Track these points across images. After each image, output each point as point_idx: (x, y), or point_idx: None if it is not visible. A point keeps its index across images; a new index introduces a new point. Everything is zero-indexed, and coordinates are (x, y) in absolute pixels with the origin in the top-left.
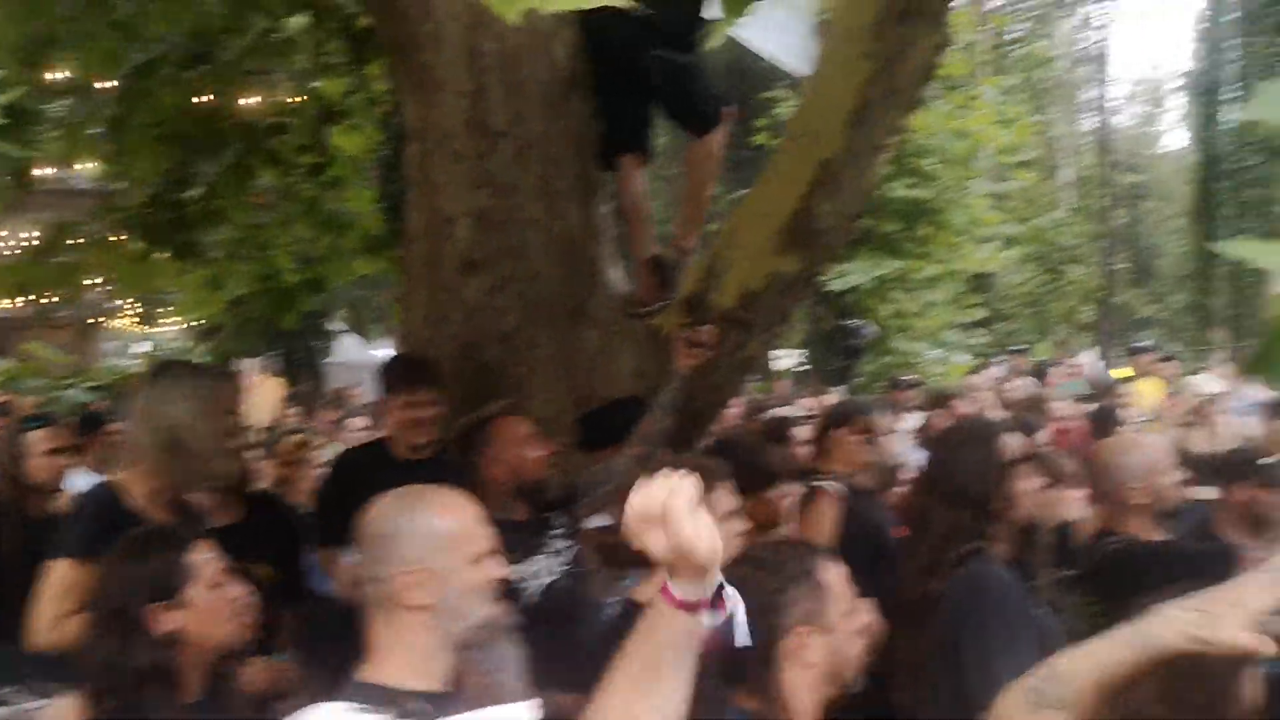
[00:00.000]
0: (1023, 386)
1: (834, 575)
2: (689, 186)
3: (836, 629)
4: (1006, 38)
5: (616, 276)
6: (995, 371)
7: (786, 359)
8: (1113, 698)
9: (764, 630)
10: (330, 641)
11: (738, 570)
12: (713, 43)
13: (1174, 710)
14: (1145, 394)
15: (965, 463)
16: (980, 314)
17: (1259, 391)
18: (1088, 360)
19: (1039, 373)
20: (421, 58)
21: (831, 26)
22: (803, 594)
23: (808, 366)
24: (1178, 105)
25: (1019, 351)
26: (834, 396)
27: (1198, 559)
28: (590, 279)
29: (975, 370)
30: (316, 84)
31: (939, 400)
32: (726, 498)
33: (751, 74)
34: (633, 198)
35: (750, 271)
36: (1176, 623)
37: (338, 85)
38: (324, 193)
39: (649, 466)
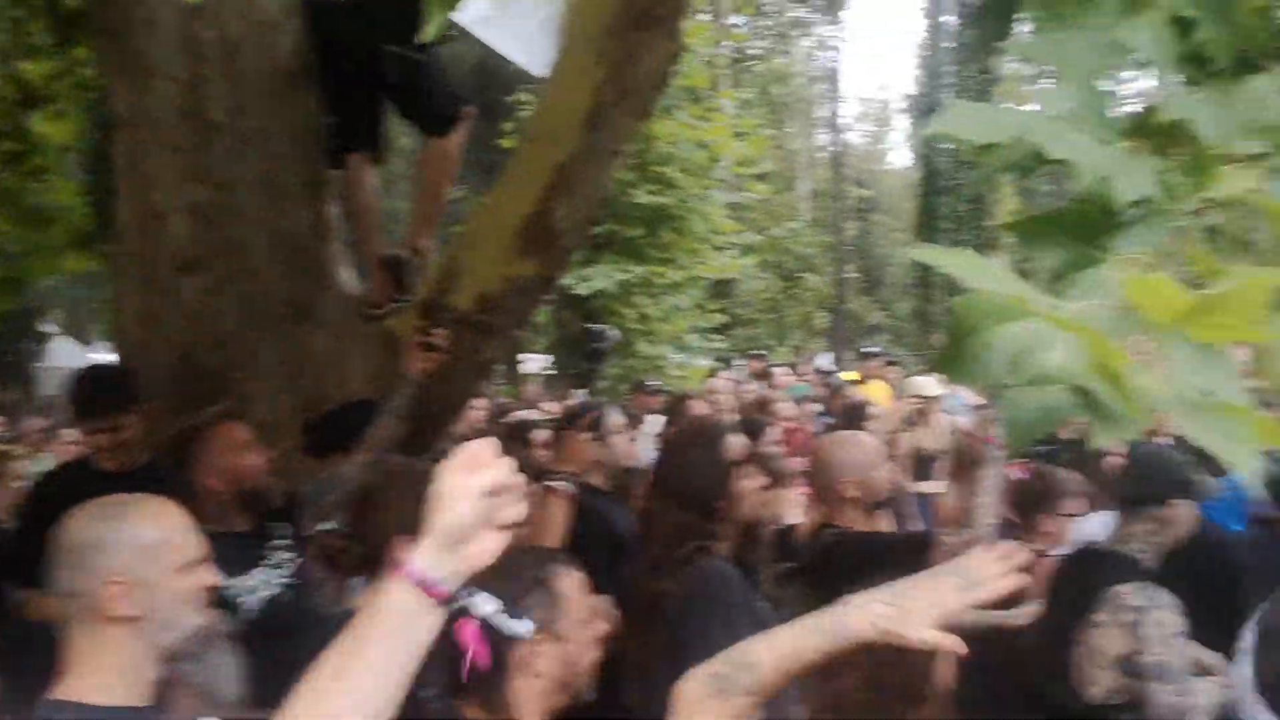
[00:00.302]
0: (754, 389)
1: (570, 582)
2: (424, 187)
3: (570, 638)
4: (747, 53)
5: (348, 277)
6: (733, 375)
7: (534, 362)
8: (818, 686)
9: (494, 639)
10: (33, 661)
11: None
12: (428, 38)
13: (875, 694)
14: (872, 396)
15: (691, 464)
16: (721, 319)
17: (969, 393)
18: (820, 364)
19: (766, 376)
20: (134, 42)
21: (568, 31)
22: (537, 602)
23: (554, 370)
24: (903, 125)
25: (757, 356)
26: (577, 399)
27: (903, 547)
28: (318, 279)
29: (714, 374)
30: (17, 65)
31: (677, 403)
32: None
33: (499, 76)
34: (363, 196)
35: (487, 274)
36: (868, 614)
37: (41, 67)
38: (24, 183)
39: (379, 473)
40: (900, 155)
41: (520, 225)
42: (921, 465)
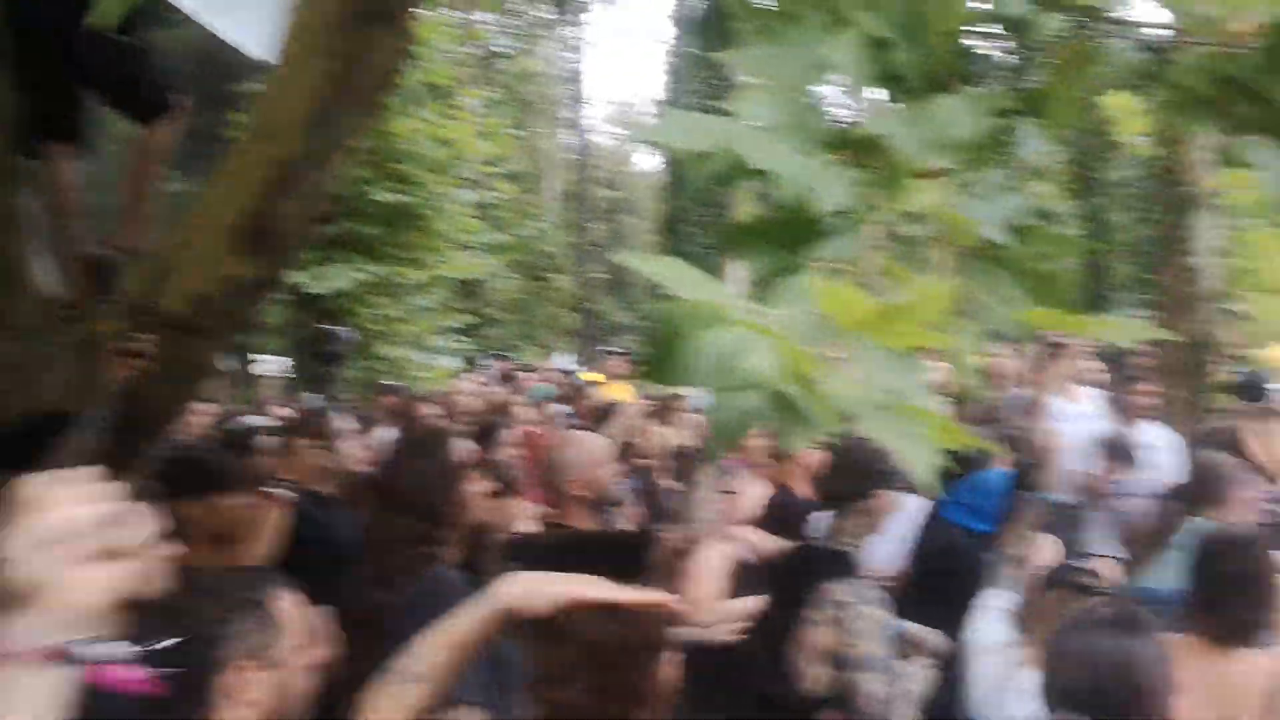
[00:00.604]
0: (496, 392)
1: (287, 604)
2: (132, 180)
3: (285, 664)
4: (494, 51)
5: (44, 277)
6: (478, 377)
7: (268, 365)
8: (544, 694)
9: (201, 664)
10: None
11: (178, 596)
12: (99, 22)
13: (600, 699)
14: (614, 395)
15: (415, 469)
16: (468, 320)
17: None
18: (561, 364)
19: (512, 377)
20: None
21: (291, 22)
22: (249, 625)
23: (290, 373)
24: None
25: (503, 356)
26: (312, 403)
27: (627, 543)
28: (9, 279)
29: (458, 375)
30: None
31: (406, 407)
32: (153, 521)
33: (227, 64)
34: (62, 189)
35: (202, 274)
36: (518, 580)
37: None
38: None
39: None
40: (647, 158)
41: (238, 223)
42: (677, 462)
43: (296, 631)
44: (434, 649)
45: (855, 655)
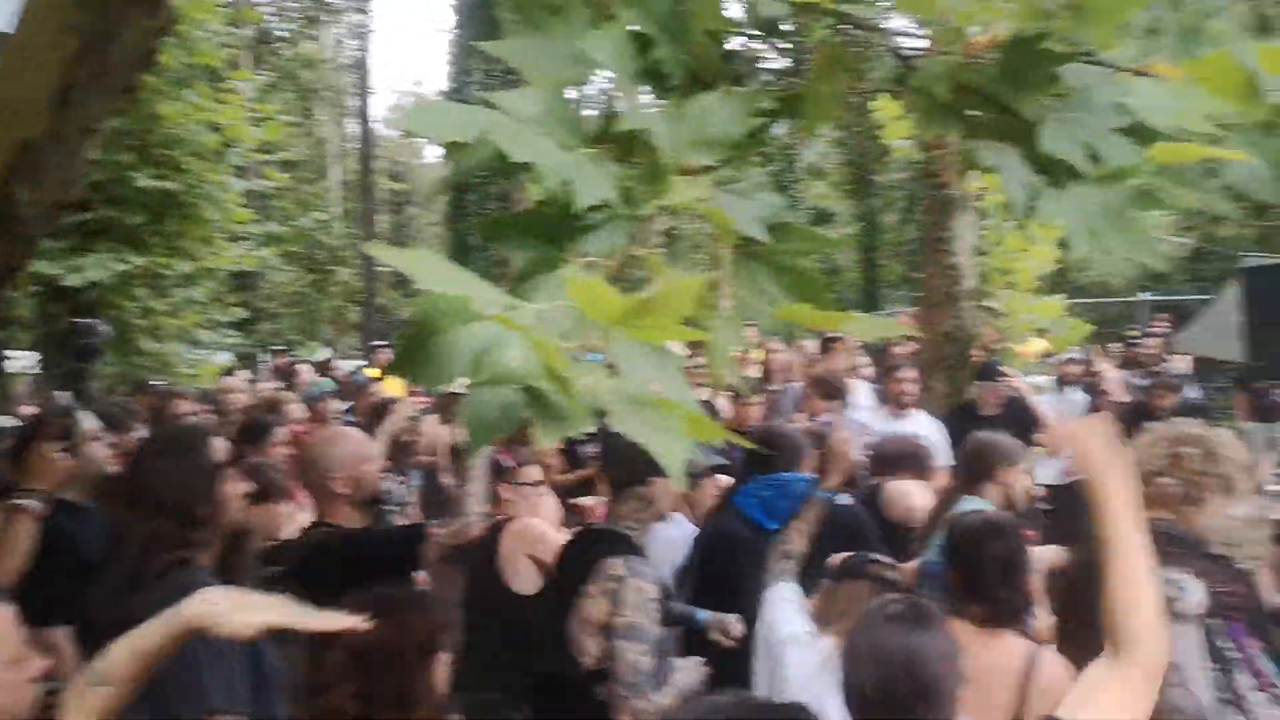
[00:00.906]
0: (268, 388)
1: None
2: None
3: None
4: (273, 34)
5: None
6: (250, 372)
7: (18, 361)
8: (308, 699)
9: None
10: None
11: None
12: None
13: (369, 704)
14: (389, 390)
15: (165, 471)
16: (242, 313)
17: None
18: (329, 358)
19: (290, 373)
20: None
21: None
22: None
23: (41, 369)
24: None
25: (280, 351)
26: (59, 402)
27: (395, 541)
28: None
29: (230, 371)
30: None
31: (161, 404)
32: None
33: None
34: None
35: None
36: (202, 601)
37: None
38: None
39: None
40: (434, 149)
41: None
42: (454, 458)
43: (9, 645)
44: (121, 657)
45: (621, 625)
